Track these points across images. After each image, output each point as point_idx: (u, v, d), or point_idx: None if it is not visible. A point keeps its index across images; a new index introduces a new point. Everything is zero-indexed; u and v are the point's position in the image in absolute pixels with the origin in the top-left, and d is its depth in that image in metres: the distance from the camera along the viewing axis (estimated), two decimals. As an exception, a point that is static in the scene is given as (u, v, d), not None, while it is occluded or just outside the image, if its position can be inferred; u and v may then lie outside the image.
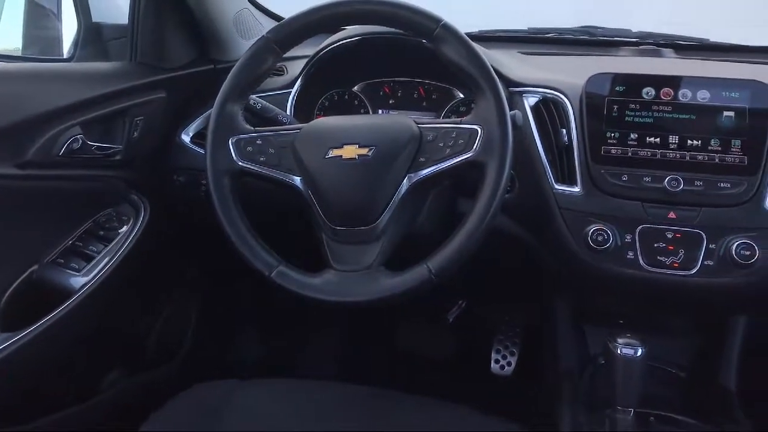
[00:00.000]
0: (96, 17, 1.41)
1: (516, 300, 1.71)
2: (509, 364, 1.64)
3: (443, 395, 1.08)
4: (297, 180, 0.99)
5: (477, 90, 0.97)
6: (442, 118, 1.30)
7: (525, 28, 1.61)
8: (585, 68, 1.15)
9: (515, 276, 1.42)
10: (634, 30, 1.55)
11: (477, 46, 0.99)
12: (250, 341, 1.81)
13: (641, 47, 1.44)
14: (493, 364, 1.65)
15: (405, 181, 0.95)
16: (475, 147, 0.93)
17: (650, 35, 1.50)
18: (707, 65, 1.37)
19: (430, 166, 0.95)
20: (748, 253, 1.01)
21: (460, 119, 0.98)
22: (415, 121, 0.99)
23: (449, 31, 0.97)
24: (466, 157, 0.94)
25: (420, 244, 0.99)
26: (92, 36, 1.40)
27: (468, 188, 0.97)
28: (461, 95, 1.31)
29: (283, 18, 1.06)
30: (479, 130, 0.94)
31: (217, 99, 1.02)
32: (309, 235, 1.02)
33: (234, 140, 1.01)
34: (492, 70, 0.96)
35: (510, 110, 1.04)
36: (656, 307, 1.20)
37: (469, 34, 1.54)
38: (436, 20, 0.97)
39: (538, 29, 1.58)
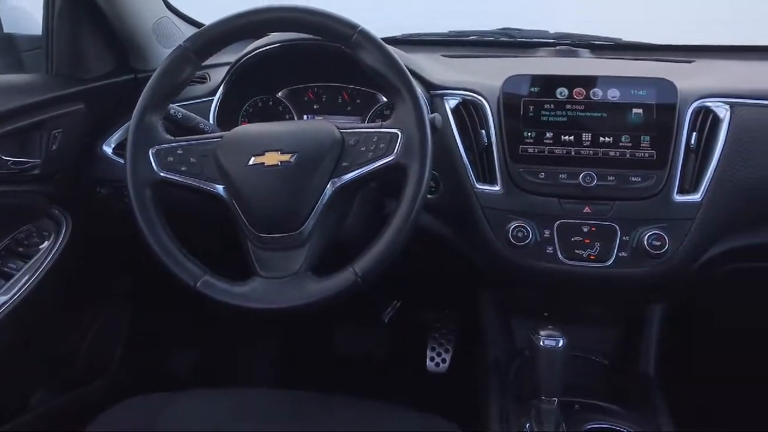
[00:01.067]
0: (8, 28, 1.37)
1: (448, 298, 1.74)
2: (444, 361, 1.68)
3: (380, 395, 1.10)
4: (219, 188, 0.99)
5: (396, 94, 0.99)
6: (367, 122, 1.32)
7: (447, 31, 1.64)
8: (503, 70, 1.18)
9: (445, 274, 1.45)
10: (552, 31, 1.60)
11: (395, 52, 1.01)
12: (185, 352, 1.79)
13: (558, 48, 1.49)
14: (428, 361, 1.68)
15: (329, 186, 0.96)
16: (396, 150, 0.95)
17: (567, 36, 1.56)
18: (620, 64, 1.43)
19: (353, 171, 0.97)
20: (659, 243, 1.06)
21: (380, 123, 0.99)
22: (337, 126, 1.00)
23: (366, 37, 0.98)
24: (387, 160, 0.95)
25: (349, 247, 1.00)
26: (5, 48, 1.36)
27: (394, 190, 0.98)
28: (385, 99, 1.32)
29: (204, 25, 1.06)
30: (399, 134, 0.96)
31: (135, 110, 1.01)
32: (235, 243, 1.02)
33: (154, 151, 1.00)
34: (409, 74, 0.98)
35: (430, 113, 1.07)
36: (577, 299, 1.25)
37: (393, 38, 1.60)
38: (353, 26, 0.99)
39: (459, 32, 1.61)
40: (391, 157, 0.95)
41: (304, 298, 0.94)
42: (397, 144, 0.95)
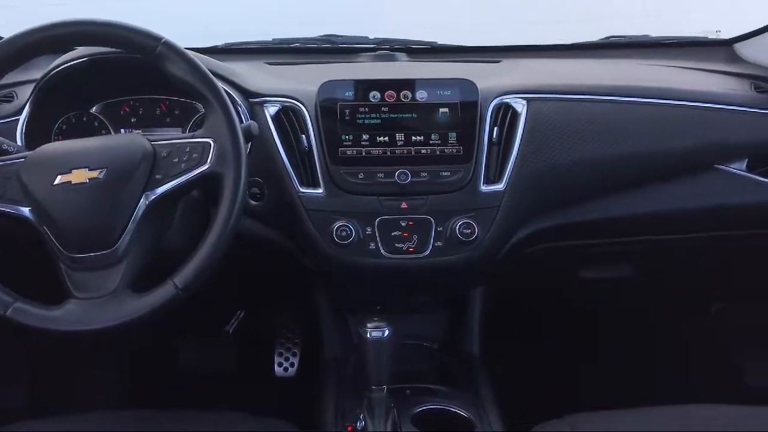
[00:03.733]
0: None
1: (289, 302, 1.75)
2: (292, 365, 1.70)
3: (230, 406, 1.10)
4: (25, 211, 0.95)
5: (206, 104, 1.00)
6: (188, 132, 1.31)
7: (271, 39, 1.66)
8: (324, 76, 1.22)
9: (282, 279, 1.46)
10: (372, 37, 1.66)
11: (201, 60, 1.01)
12: (14, 383, 1.67)
13: (378, 53, 1.55)
14: (276, 367, 1.69)
15: (142, 200, 0.95)
16: (209, 160, 0.96)
17: (386, 41, 1.62)
18: (433, 66, 1.51)
19: (166, 183, 0.96)
20: (469, 231, 1.14)
21: (192, 133, 1.00)
22: (148, 139, 0.99)
23: (171, 48, 0.99)
24: (201, 170, 0.96)
25: (176, 259, 0.99)
26: None
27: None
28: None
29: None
30: (212, 143, 0.97)
31: None
32: (47, 266, 0.98)
33: None
34: (217, 83, 0.99)
35: (249, 120, 1.08)
36: (403, 290, 1.31)
37: (215, 47, 1.59)
38: (156, 38, 0.98)
39: (283, 40, 1.64)
40: (205, 167, 0.96)
41: (123, 317, 0.92)
42: (210, 153, 0.96)
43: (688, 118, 1.27)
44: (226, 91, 1.11)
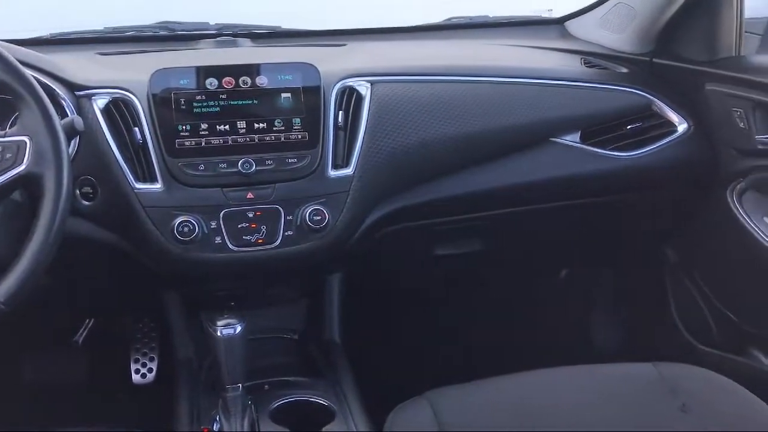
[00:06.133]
0: None
1: (138, 305, 1.67)
2: (150, 371, 1.62)
3: (85, 419, 1.03)
4: None
5: (18, 99, 0.92)
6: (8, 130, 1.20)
7: (102, 27, 1.57)
8: (159, 64, 1.16)
9: (128, 282, 1.39)
10: (213, 23, 1.61)
11: (13, 53, 0.93)
12: None
13: (219, 39, 1.49)
14: (134, 374, 1.61)
15: None
16: (25, 160, 0.88)
17: (228, 27, 1.57)
18: (277, 51, 1.48)
19: None
20: (319, 218, 1.12)
21: (5, 132, 0.91)
22: None
23: None
24: (17, 171, 0.88)
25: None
26: None
27: None
28: None
29: None
30: (27, 142, 0.89)
31: None
32: None
33: None
34: (28, 76, 0.91)
35: (73, 115, 1.00)
36: (256, 283, 1.28)
37: (40, 38, 1.47)
38: None
39: (115, 28, 1.56)
40: (21, 168, 0.88)
41: None
42: (26, 153, 0.89)
43: (525, 95, 1.32)
44: (45, 85, 1.03)
